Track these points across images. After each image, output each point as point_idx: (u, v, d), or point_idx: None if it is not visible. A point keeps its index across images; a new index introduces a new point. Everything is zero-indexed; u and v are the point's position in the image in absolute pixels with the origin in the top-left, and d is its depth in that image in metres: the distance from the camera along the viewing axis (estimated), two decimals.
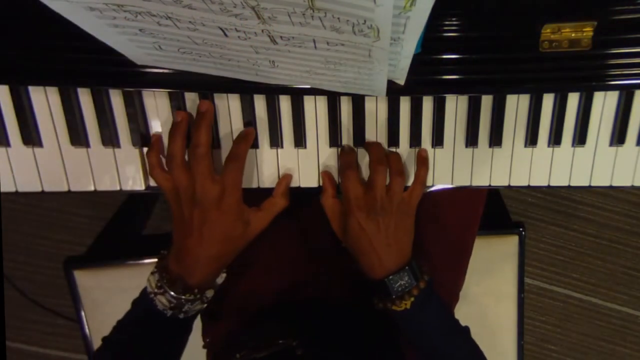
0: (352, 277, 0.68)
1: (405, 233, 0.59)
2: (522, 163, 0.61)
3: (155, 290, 0.56)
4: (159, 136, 0.58)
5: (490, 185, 0.62)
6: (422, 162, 0.60)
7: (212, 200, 0.54)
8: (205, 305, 0.60)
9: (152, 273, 0.58)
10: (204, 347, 0.79)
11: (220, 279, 0.62)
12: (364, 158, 0.60)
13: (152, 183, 0.60)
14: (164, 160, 0.57)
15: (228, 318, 0.75)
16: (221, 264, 0.59)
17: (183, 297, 0.56)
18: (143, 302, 0.57)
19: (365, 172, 0.61)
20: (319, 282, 0.73)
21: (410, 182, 0.61)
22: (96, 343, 0.89)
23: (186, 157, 0.55)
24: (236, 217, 0.56)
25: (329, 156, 0.60)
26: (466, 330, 0.64)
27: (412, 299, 0.57)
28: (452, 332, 0.61)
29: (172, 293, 0.55)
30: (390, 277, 0.57)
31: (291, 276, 0.74)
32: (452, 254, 0.77)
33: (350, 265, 0.61)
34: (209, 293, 0.59)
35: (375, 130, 0.59)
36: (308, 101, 0.58)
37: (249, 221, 0.58)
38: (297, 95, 0.57)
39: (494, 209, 1.24)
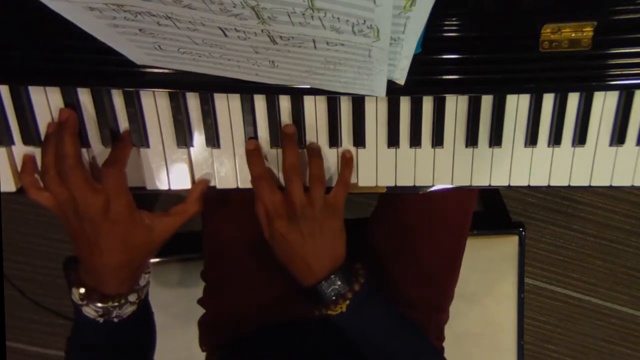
0: None
1: (334, 237, 0.58)
2: (522, 163, 0.61)
3: (80, 303, 0.54)
4: (30, 156, 0.56)
5: (490, 185, 0.62)
6: (347, 163, 0.59)
7: (98, 211, 0.51)
8: (137, 306, 0.57)
9: (74, 286, 0.55)
10: (203, 351, 0.79)
11: (143, 281, 0.58)
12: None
13: (152, 184, 0.60)
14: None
15: (221, 332, 0.75)
16: (132, 270, 0.56)
17: (105, 305, 0.54)
18: (76, 311, 0.56)
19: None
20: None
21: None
22: None
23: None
24: (131, 223, 0.53)
25: (328, 156, 0.60)
26: (414, 324, 0.63)
27: (347, 301, 0.56)
28: (398, 330, 0.60)
29: (95, 304, 0.54)
30: (322, 283, 0.56)
31: (280, 290, 0.73)
32: (444, 256, 0.76)
33: None
34: (133, 297, 0.56)
35: (375, 130, 0.59)
36: (308, 101, 0.58)
37: (152, 226, 0.55)
38: (297, 95, 0.57)
39: (494, 209, 1.24)
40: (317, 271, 0.56)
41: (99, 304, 0.54)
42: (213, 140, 0.58)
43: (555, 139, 0.60)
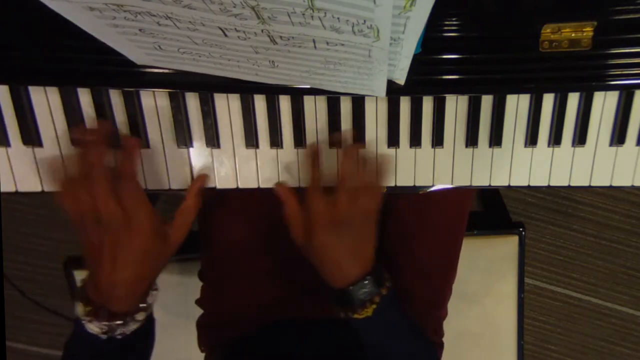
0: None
1: (368, 241, 0.58)
2: (522, 163, 0.61)
3: (84, 318, 0.53)
4: (58, 161, 0.55)
5: (490, 185, 0.62)
6: (385, 171, 0.59)
7: (120, 221, 0.51)
8: (142, 322, 0.56)
9: (79, 300, 0.54)
10: (202, 351, 0.79)
11: (151, 298, 0.58)
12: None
13: (152, 184, 0.60)
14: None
15: (220, 332, 0.75)
16: (144, 285, 0.56)
17: (111, 323, 0.53)
18: (78, 325, 0.54)
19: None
20: (306, 297, 0.73)
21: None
22: None
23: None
24: (151, 234, 0.53)
25: (328, 156, 0.60)
26: (424, 336, 0.64)
27: (374, 306, 0.56)
28: (412, 337, 0.61)
29: (101, 322, 0.53)
30: (353, 286, 0.56)
31: (278, 291, 0.73)
32: (443, 253, 0.77)
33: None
34: (140, 316, 0.55)
35: (375, 130, 0.59)
36: (308, 101, 0.58)
37: (166, 235, 0.55)
38: (297, 95, 0.57)
39: (494, 209, 1.24)
40: (349, 274, 0.57)
41: (105, 322, 0.53)
42: (213, 140, 0.58)
43: (555, 139, 0.60)
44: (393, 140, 0.59)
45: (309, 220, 0.56)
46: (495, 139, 0.59)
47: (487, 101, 0.58)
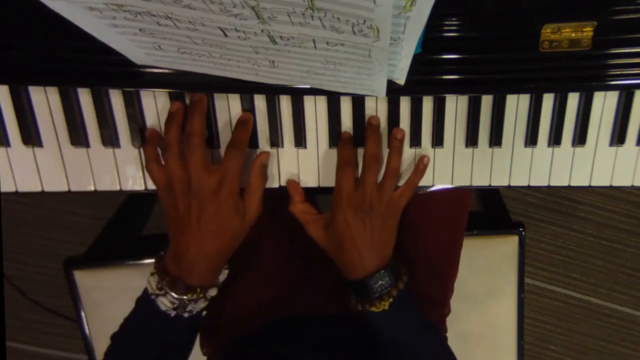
0: (338, 291, 0.68)
1: (389, 234, 0.59)
2: (522, 163, 0.61)
3: (157, 292, 0.55)
4: (154, 130, 0.57)
5: (490, 185, 0.62)
6: (421, 170, 0.59)
7: (209, 191, 0.53)
8: (208, 302, 0.59)
9: (152, 274, 0.57)
10: (204, 354, 0.79)
11: (222, 276, 0.61)
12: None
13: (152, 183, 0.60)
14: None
15: (222, 333, 0.75)
16: (221, 260, 0.58)
17: (185, 297, 0.55)
18: (145, 302, 0.56)
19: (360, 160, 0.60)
20: (307, 295, 0.73)
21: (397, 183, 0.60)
22: (96, 343, 0.89)
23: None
24: (234, 208, 0.55)
25: (329, 156, 0.60)
26: (435, 328, 0.64)
27: (391, 299, 0.57)
28: (426, 332, 0.61)
29: (173, 294, 0.55)
30: (371, 277, 0.57)
31: (279, 289, 0.74)
32: (444, 252, 0.77)
33: (337, 273, 0.61)
34: (212, 292, 0.58)
35: None
36: (308, 101, 0.58)
37: (245, 212, 0.57)
38: (297, 95, 0.57)
39: (494, 209, 1.24)
40: (368, 265, 0.57)
41: (178, 296, 0.55)
42: (213, 140, 0.58)
43: (555, 139, 0.60)
44: None
45: (337, 199, 0.57)
46: (495, 139, 0.60)
47: (487, 101, 0.58)
